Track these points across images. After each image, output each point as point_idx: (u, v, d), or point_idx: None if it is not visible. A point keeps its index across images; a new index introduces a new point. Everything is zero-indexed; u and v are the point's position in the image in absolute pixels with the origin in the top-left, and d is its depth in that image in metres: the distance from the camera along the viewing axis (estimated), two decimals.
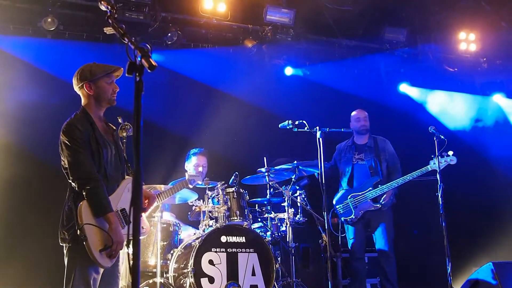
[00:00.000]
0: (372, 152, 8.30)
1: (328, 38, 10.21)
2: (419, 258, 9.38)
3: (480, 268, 6.95)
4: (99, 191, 4.33)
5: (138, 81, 2.85)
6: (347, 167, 8.29)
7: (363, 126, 8.38)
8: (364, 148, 8.33)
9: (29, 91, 8.19)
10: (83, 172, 4.37)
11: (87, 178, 4.34)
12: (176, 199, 7.37)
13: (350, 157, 8.33)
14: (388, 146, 8.44)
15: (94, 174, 4.38)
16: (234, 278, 6.58)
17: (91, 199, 4.31)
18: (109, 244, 4.27)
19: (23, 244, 7.91)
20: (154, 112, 8.48)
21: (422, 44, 10.32)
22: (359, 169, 8.27)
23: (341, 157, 8.42)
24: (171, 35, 8.96)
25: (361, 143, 8.40)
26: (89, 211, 4.29)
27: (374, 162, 8.24)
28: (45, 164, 7.73)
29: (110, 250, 4.29)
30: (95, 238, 4.27)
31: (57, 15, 8.31)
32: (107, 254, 4.30)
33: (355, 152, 8.35)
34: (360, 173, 8.24)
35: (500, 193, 9.88)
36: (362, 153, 8.31)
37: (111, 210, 4.35)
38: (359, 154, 8.31)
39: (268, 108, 9.72)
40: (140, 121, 2.83)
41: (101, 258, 4.27)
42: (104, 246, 4.27)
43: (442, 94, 10.90)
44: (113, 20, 3.38)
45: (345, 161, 8.34)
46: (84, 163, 4.39)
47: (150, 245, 6.84)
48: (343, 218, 8.13)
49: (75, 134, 4.43)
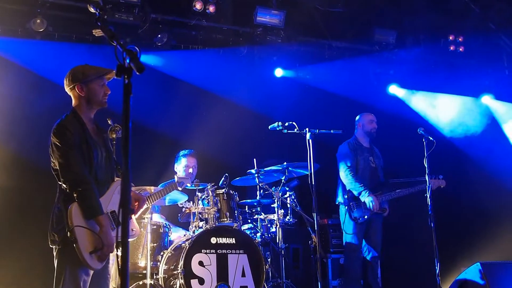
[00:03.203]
0: (377, 157, 8.42)
1: (318, 39, 10.22)
2: (408, 258, 9.41)
3: (468, 268, 7.00)
4: (90, 193, 4.33)
5: (127, 83, 2.86)
6: (365, 168, 8.32)
7: (375, 129, 8.45)
8: (372, 152, 8.42)
9: (18, 93, 8.15)
10: (74, 174, 4.36)
11: (78, 180, 4.34)
12: (166, 200, 7.37)
13: (367, 158, 8.36)
14: (377, 150, 8.57)
15: (85, 176, 4.38)
16: (224, 279, 6.59)
17: (82, 201, 4.30)
18: (99, 247, 4.27)
19: (13, 246, 7.88)
20: (144, 113, 8.45)
21: (411, 45, 10.35)
22: (373, 171, 8.33)
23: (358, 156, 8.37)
24: (161, 36, 8.95)
25: (366, 146, 8.45)
26: (79, 213, 4.28)
27: (380, 166, 8.37)
28: (34, 166, 7.69)
29: (100, 253, 4.29)
30: (85, 240, 4.26)
31: (46, 16, 8.27)
32: (97, 257, 4.30)
33: (369, 155, 8.39)
34: (373, 176, 8.31)
35: (488, 193, 9.92)
36: (372, 156, 8.40)
37: (102, 213, 4.35)
38: (371, 157, 8.39)
39: (258, 109, 9.73)
40: (129, 123, 2.84)
41: (91, 261, 4.27)
42: (94, 249, 4.27)
43: (431, 96, 10.93)
44: (102, 22, 3.39)
45: (363, 160, 8.35)
46: (75, 165, 4.38)
47: (140, 247, 6.83)
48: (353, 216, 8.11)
49: (65, 135, 4.43)
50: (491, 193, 9.91)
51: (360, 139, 8.51)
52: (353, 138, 8.57)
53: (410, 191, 8.14)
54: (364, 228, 8.16)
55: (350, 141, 8.50)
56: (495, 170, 10.07)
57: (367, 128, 8.46)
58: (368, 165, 8.33)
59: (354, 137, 8.59)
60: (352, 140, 8.51)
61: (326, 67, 10.27)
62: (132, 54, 2.91)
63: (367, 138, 8.51)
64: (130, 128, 2.84)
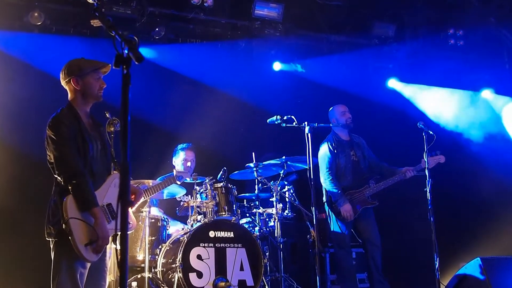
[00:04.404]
0: (358, 147, 8.26)
1: (316, 33, 10.17)
2: (407, 253, 9.39)
3: (468, 264, 6.97)
4: (84, 186, 4.33)
5: (126, 74, 2.83)
6: (347, 165, 8.13)
7: (350, 119, 8.21)
8: (352, 145, 8.25)
9: (15, 86, 8.12)
10: (69, 166, 4.37)
11: (73, 173, 4.34)
12: (164, 194, 7.35)
13: (348, 153, 8.22)
14: (362, 141, 8.41)
15: (79, 168, 4.38)
16: (222, 273, 6.59)
17: (76, 194, 4.30)
18: (94, 239, 4.27)
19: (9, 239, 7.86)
20: (142, 107, 8.43)
21: (410, 39, 10.30)
22: (355, 166, 8.19)
23: (339, 154, 8.13)
24: (158, 30, 8.91)
25: (345, 139, 8.26)
26: (74, 206, 4.28)
27: (363, 158, 8.23)
28: (31, 159, 7.68)
29: (96, 245, 4.28)
30: (81, 232, 4.26)
31: (44, 10, 8.24)
32: (92, 249, 4.29)
33: (350, 149, 8.21)
34: (356, 171, 8.18)
35: (488, 188, 9.90)
36: (353, 148, 8.24)
37: (96, 205, 4.35)
38: (352, 151, 8.23)
39: (257, 103, 9.71)
40: (128, 114, 2.80)
41: (86, 253, 4.26)
42: (89, 241, 4.27)
43: (430, 90, 10.90)
44: (100, 12, 3.35)
45: (344, 158, 8.14)
46: (70, 158, 4.39)
47: (138, 240, 6.82)
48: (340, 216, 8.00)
49: (61, 128, 4.43)
50: (492, 188, 9.89)
51: (338, 133, 8.23)
52: (332, 134, 8.27)
53: (395, 180, 8.01)
54: (352, 224, 8.04)
55: (330, 139, 8.19)
56: (495, 165, 10.04)
57: (341, 121, 8.18)
58: (350, 161, 8.10)
59: (332, 132, 8.28)
60: (331, 138, 8.20)
61: (325, 60, 10.23)
62: (131, 43, 2.88)
63: (345, 131, 8.24)
64: (129, 120, 2.80)
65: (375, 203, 8.00)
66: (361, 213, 7.97)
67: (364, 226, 8.07)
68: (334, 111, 8.29)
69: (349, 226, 7.98)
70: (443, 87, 10.88)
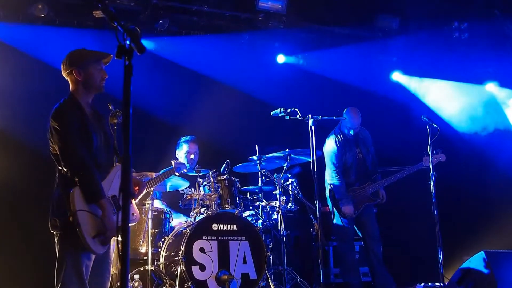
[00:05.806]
0: (362, 143, 8.25)
1: (320, 26, 10.13)
2: (411, 247, 9.39)
3: (472, 257, 6.96)
4: (92, 177, 4.28)
5: (128, 64, 2.80)
6: (353, 162, 8.16)
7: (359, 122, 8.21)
8: (357, 141, 8.25)
9: (19, 77, 8.13)
10: (75, 158, 4.32)
11: (79, 164, 4.29)
12: (167, 186, 7.35)
13: (354, 151, 8.20)
14: (367, 135, 8.38)
15: (86, 160, 4.33)
16: (225, 266, 6.58)
17: (84, 185, 4.25)
18: (102, 231, 4.24)
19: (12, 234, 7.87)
20: (145, 100, 8.42)
21: (414, 32, 10.25)
22: (360, 163, 8.20)
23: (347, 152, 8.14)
24: (162, 22, 8.88)
25: (351, 136, 8.23)
26: (81, 198, 4.23)
27: (367, 154, 8.23)
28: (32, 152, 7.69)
29: (103, 237, 4.26)
30: (88, 224, 4.22)
31: (47, 1, 8.22)
32: (100, 241, 4.26)
33: (355, 147, 8.20)
34: (360, 168, 8.19)
35: (493, 182, 9.88)
36: (358, 146, 8.24)
37: (104, 197, 4.30)
38: (357, 148, 8.23)
39: (260, 96, 9.70)
40: (130, 106, 2.78)
41: (94, 245, 4.23)
42: (97, 233, 4.23)
43: (434, 83, 10.86)
44: (103, 4, 3.32)
45: (351, 156, 8.15)
46: (75, 149, 4.34)
47: (141, 233, 6.82)
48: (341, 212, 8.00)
49: (65, 119, 4.38)
50: (496, 181, 9.86)
51: (345, 130, 8.20)
52: (339, 130, 8.25)
53: (397, 177, 8.03)
54: (353, 219, 8.06)
55: (337, 132, 8.20)
56: (499, 158, 10.01)
57: (352, 123, 8.03)
58: (356, 159, 8.13)
59: (339, 129, 8.26)
60: (338, 133, 8.19)
61: (329, 53, 10.19)
62: (133, 34, 2.86)
63: (352, 130, 8.24)
64: (131, 111, 2.78)
65: (376, 200, 8.02)
66: (362, 209, 7.99)
67: (363, 221, 8.12)
68: (349, 111, 8.18)
69: (352, 220, 7.98)
70: (447, 80, 10.84)
